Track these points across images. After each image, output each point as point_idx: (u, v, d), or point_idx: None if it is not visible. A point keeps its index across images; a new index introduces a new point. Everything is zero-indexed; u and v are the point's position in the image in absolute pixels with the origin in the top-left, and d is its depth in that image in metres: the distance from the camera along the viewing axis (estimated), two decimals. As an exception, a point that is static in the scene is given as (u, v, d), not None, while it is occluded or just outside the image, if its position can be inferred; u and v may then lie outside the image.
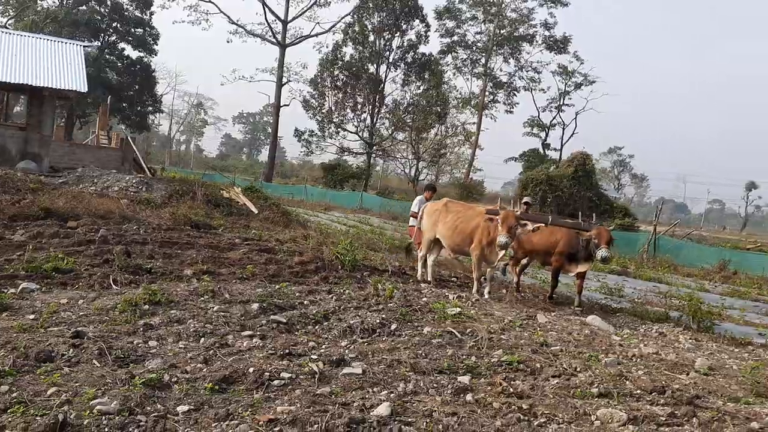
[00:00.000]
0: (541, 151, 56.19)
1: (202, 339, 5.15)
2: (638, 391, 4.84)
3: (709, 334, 8.41)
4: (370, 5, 46.99)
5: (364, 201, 34.63)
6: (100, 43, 49.82)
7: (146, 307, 5.81)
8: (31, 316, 5.27)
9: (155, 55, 54.92)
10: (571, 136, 56.89)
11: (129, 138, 26.99)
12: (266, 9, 46.62)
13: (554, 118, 57.45)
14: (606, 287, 12.32)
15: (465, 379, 4.80)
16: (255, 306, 6.29)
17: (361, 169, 46.51)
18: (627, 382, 5.06)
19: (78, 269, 7.20)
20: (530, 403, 4.37)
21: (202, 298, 6.44)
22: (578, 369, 5.33)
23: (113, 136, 29.98)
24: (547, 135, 57.73)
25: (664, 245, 22.21)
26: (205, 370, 4.41)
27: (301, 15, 47.70)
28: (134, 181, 17.36)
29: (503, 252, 9.04)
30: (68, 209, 11.04)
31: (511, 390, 4.64)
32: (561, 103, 56.66)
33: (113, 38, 53.02)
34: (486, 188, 53.44)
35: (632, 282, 14.74)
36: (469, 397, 4.45)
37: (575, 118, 56.44)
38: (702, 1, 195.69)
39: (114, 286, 6.73)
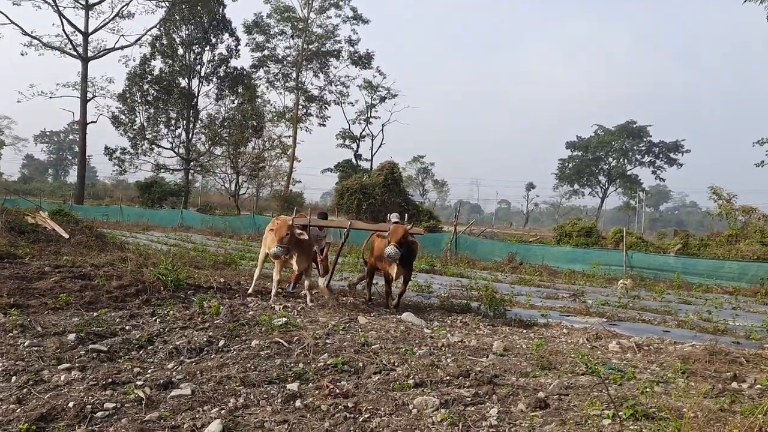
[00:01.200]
0: (354, 161, 57.74)
1: (14, 378, 4.84)
2: (447, 377, 5.43)
3: (503, 319, 9.51)
4: (177, 18, 45.41)
5: (185, 218, 33.33)
6: None
7: (-60, 351, 5.25)
8: None
9: None
10: (380, 146, 59.18)
11: None
12: (63, 20, 42.75)
13: (363, 129, 59.43)
14: (417, 285, 13.01)
15: (294, 386, 5.00)
16: (71, 336, 6.01)
17: (179, 186, 44.66)
18: (438, 370, 5.62)
19: None
20: (355, 401, 4.72)
21: (11, 334, 6.01)
22: (396, 363, 5.78)
23: None
24: (358, 146, 59.46)
25: (463, 243, 23.85)
26: (18, 410, 4.18)
27: (102, 27, 44.47)
28: None
29: (291, 259, 9.46)
30: None
31: (338, 391, 4.93)
32: (369, 115, 58.69)
33: None
34: (305, 199, 54.14)
35: (439, 278, 15.70)
36: (298, 403, 4.67)
37: (382, 129, 58.78)
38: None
39: None
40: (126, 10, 45.03)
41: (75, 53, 43.72)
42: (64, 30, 43.04)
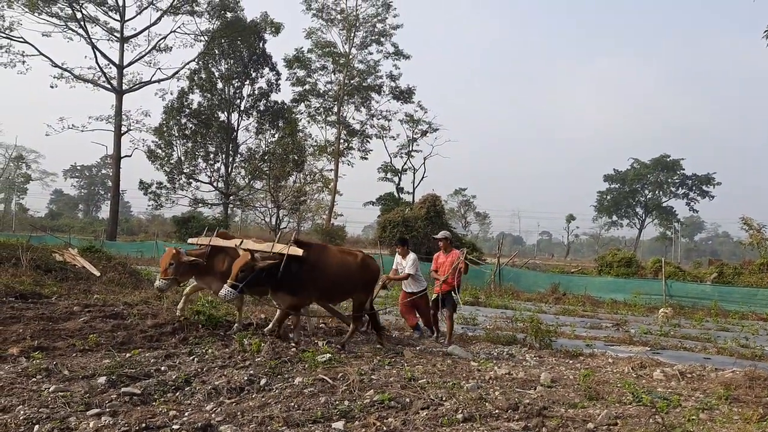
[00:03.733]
0: (396, 194, 57.92)
1: (36, 427, 4.37)
2: (496, 411, 5.35)
3: (549, 350, 9.41)
4: (216, 52, 45.86)
5: (225, 254, 33.05)
6: None
7: (-43, 400, 4.76)
8: None
9: None
10: (422, 179, 59.10)
11: None
12: (97, 52, 43.04)
13: (405, 163, 59.54)
14: (462, 317, 12.94)
15: (339, 424, 4.82)
16: (102, 380, 5.55)
17: (218, 220, 44.57)
18: (487, 404, 5.53)
19: None
20: (403, 438, 4.59)
21: (34, 379, 5.50)
22: (444, 398, 5.67)
23: None
24: (400, 179, 59.65)
25: (506, 275, 24.05)
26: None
27: (138, 60, 44.75)
28: None
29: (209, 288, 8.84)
30: None
31: (385, 428, 4.81)
32: (410, 149, 58.88)
33: None
34: (347, 233, 53.82)
35: (484, 310, 15.74)
36: (344, 442, 4.51)
37: (424, 163, 58.72)
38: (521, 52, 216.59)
39: None
40: (163, 43, 45.25)
41: (109, 86, 43.84)
42: (97, 62, 43.18)
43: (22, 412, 4.56)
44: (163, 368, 6.24)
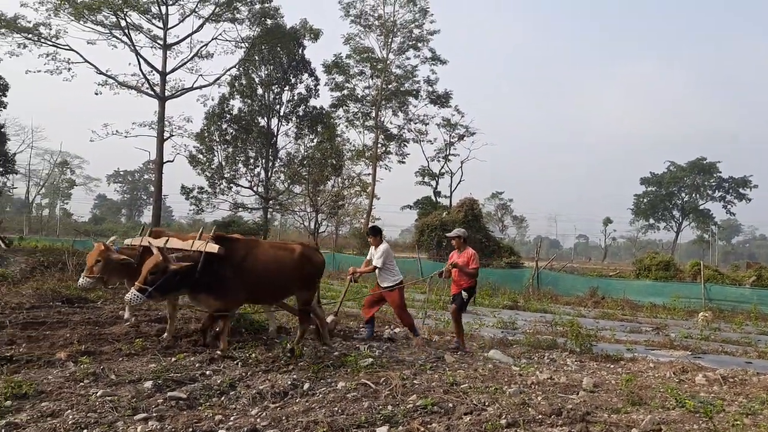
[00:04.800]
0: (433, 198, 58.06)
1: (85, 431, 4.41)
2: (540, 416, 5.30)
3: (590, 355, 9.28)
4: (257, 58, 46.38)
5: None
6: None
7: (8, 402, 4.85)
8: None
9: (3, 108, 46.93)
10: (459, 183, 59.11)
11: None
12: (140, 59, 43.76)
13: (442, 167, 59.65)
14: (501, 321, 12.92)
15: (383, 429, 4.84)
16: (148, 384, 5.58)
17: (258, 224, 45.04)
18: (530, 409, 5.48)
19: None
20: (448, 443, 4.48)
21: (82, 384, 5.55)
22: (487, 403, 5.61)
23: None
24: (437, 183, 59.71)
25: (544, 278, 23.97)
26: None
27: (181, 67, 45.48)
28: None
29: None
30: None
31: None
32: (447, 153, 58.97)
33: None
34: (385, 236, 53.83)
35: (523, 314, 15.61)
36: (389, 446, 4.43)
37: (461, 166, 58.74)
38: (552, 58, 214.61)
39: (-41, 384, 5.51)
40: (205, 50, 45.91)
41: (152, 93, 44.62)
42: (141, 69, 43.89)
43: (70, 417, 4.60)
44: (207, 372, 6.27)
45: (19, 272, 13.28)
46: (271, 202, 46.66)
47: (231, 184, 46.01)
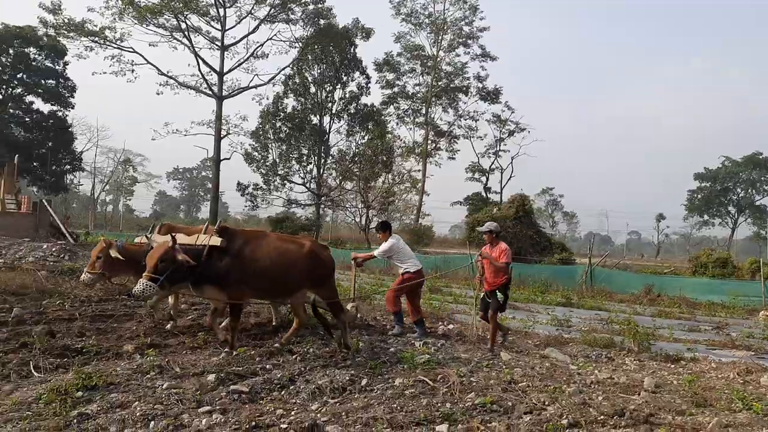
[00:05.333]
0: (484, 194, 58.04)
1: (152, 423, 4.54)
2: (601, 417, 5.18)
3: (648, 354, 8.97)
4: (310, 58, 46.99)
5: (318, 253, 33.68)
6: (1, 97, 45.36)
7: (80, 393, 5.03)
8: (-71, 424, 4.38)
9: (72, 108, 50.57)
10: (509, 179, 58.90)
11: (44, 201, 24.14)
12: (200, 60, 45.23)
13: (492, 163, 59.50)
14: (556, 319, 12.57)
15: (443, 428, 4.78)
16: (211, 377, 5.70)
17: (311, 220, 45.64)
18: (591, 409, 5.37)
19: None
20: (508, 443, 4.44)
21: (148, 376, 5.72)
22: (546, 402, 5.51)
23: (23, 200, 26.81)
24: (487, 179, 59.55)
25: (597, 275, 23.28)
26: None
27: (237, 67, 46.74)
28: (54, 249, 15.88)
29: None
30: None
31: None
32: (497, 149, 58.80)
33: (18, 91, 48.14)
34: (435, 232, 53.82)
35: (577, 312, 15.23)
36: (449, 445, 4.38)
37: (511, 162, 58.43)
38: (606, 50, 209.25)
39: (36, 373, 5.71)
40: (260, 50, 47.13)
41: (210, 92, 45.90)
42: (200, 70, 45.31)
43: (138, 409, 4.74)
44: (267, 366, 6.37)
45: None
46: (323, 198, 47.12)
47: (285, 181, 46.82)
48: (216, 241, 6.84)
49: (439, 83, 55.82)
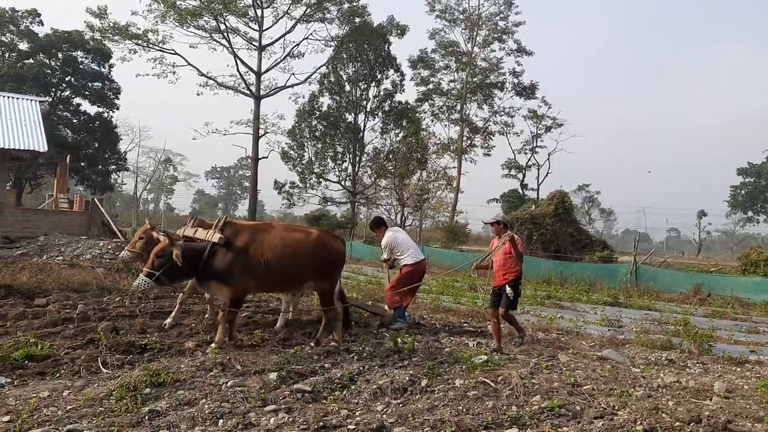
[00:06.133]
0: (520, 191, 57.58)
1: (221, 421, 4.53)
2: (677, 423, 4.98)
3: (710, 356, 8.70)
4: (345, 56, 47.26)
5: (354, 250, 33.64)
6: (51, 99, 46.33)
7: (148, 390, 5.07)
8: (6, 418, 4.40)
9: (116, 109, 52.06)
10: (546, 175, 58.59)
11: (96, 200, 24.86)
12: (238, 61, 45.94)
13: (529, 159, 59.21)
14: (606, 318, 12.32)
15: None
16: (273, 376, 5.70)
17: (346, 218, 45.86)
18: (664, 415, 5.18)
19: (56, 354, 6.13)
20: (583, 449, 4.30)
21: (212, 373, 5.74)
22: (616, 407, 5.36)
23: (76, 199, 28.04)
24: (524, 176, 59.28)
25: (642, 273, 22.78)
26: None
27: (274, 66, 47.26)
28: (110, 246, 16.21)
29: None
30: (34, 284, 9.81)
31: None
32: (534, 145, 58.50)
33: (67, 93, 49.64)
34: (471, 230, 53.60)
35: (626, 311, 14.88)
36: (521, 450, 4.27)
37: (548, 158, 58.12)
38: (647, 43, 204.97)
39: (104, 369, 5.79)
40: (296, 50, 47.43)
41: (248, 92, 46.54)
42: (238, 70, 46.04)
43: (206, 406, 4.75)
44: (326, 365, 6.35)
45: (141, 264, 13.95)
46: (357, 196, 47.28)
47: (320, 179, 47.21)
48: (215, 237, 6.88)
49: (474, 79, 55.55)
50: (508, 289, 7.94)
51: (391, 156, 46.24)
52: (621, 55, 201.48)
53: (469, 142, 56.69)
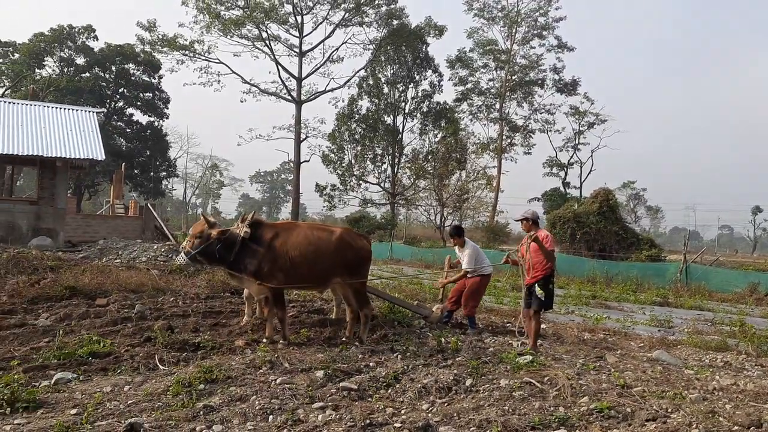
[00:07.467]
0: (562, 189, 56.75)
1: (271, 417, 4.68)
2: (736, 428, 4.80)
3: None
4: (383, 59, 47.57)
5: (394, 251, 33.77)
6: (106, 110, 48.26)
7: (202, 386, 5.28)
8: (73, 411, 4.65)
9: (166, 118, 54.06)
10: (589, 173, 57.92)
11: (149, 205, 25.92)
12: (280, 67, 46.96)
13: (571, 157, 58.47)
14: (655, 318, 12.12)
15: None
16: (319, 374, 5.84)
17: (386, 219, 46.04)
18: (721, 419, 5.00)
19: (117, 351, 6.48)
20: (636, 453, 4.20)
21: (261, 371, 5.92)
22: (669, 410, 5.18)
23: (131, 205, 29.29)
24: (566, 174, 58.47)
25: (693, 272, 22.13)
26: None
27: (315, 72, 48.03)
28: (163, 249, 16.79)
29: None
30: (95, 286, 10.22)
31: None
32: (576, 142, 57.71)
33: (120, 104, 52.05)
34: (512, 230, 53.21)
35: (676, 311, 14.55)
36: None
37: (591, 156, 57.34)
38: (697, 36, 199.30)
39: (161, 366, 6.07)
40: (336, 55, 48.21)
41: (290, 97, 47.43)
42: (280, 76, 47.19)
43: (257, 402, 4.90)
44: (371, 364, 6.45)
45: (192, 266, 14.33)
46: (397, 197, 47.44)
47: (360, 181, 47.67)
48: (242, 231, 7.31)
49: (514, 77, 54.99)
50: (537, 288, 7.75)
51: (429, 157, 46.32)
52: (672, 48, 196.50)
53: (509, 140, 56.14)
